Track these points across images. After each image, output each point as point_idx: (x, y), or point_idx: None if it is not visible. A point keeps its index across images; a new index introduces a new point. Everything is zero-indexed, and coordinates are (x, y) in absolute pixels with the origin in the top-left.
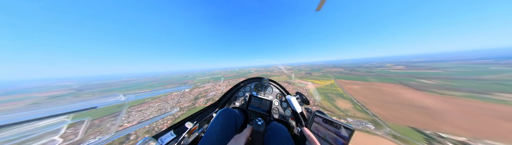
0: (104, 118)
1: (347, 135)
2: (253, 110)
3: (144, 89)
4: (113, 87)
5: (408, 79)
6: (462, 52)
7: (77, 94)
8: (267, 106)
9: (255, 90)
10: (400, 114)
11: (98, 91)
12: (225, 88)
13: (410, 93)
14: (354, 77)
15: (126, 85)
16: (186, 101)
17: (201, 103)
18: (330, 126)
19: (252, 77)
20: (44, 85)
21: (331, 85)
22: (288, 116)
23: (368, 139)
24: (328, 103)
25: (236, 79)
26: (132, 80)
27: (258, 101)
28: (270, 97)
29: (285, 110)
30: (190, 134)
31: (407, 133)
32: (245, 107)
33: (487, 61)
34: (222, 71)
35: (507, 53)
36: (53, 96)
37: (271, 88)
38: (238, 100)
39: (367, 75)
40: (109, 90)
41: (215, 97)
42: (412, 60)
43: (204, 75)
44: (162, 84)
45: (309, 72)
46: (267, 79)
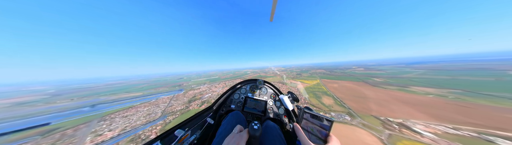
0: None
1: (328, 126)
2: (249, 112)
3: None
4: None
5: (367, 78)
6: (392, 59)
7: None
8: (262, 107)
9: (250, 91)
10: (365, 105)
11: (78, 95)
12: (221, 90)
13: (368, 89)
14: (333, 77)
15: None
16: (179, 104)
17: (195, 106)
18: (316, 120)
19: (247, 79)
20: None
21: (317, 84)
22: (281, 114)
23: (347, 129)
24: (316, 100)
25: (232, 80)
26: (119, 83)
27: (253, 102)
28: (265, 98)
29: (278, 109)
30: (181, 143)
31: (370, 121)
32: (240, 109)
33: (404, 65)
34: (218, 72)
35: (414, 60)
36: (19, 103)
37: (266, 89)
38: (233, 103)
39: (342, 75)
40: (91, 94)
41: (210, 99)
42: (367, 64)
43: (200, 77)
44: (153, 86)
45: (299, 73)
46: (262, 81)
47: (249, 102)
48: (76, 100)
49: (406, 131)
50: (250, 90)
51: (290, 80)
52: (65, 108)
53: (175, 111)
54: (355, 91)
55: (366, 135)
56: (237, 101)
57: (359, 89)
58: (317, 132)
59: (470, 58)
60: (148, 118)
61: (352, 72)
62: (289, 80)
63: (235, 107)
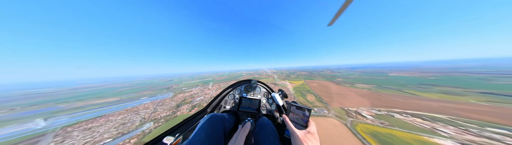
0: None
1: (308, 114)
2: (244, 111)
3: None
4: (58, 96)
5: (333, 78)
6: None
7: None
8: (256, 105)
9: (245, 91)
10: (335, 100)
11: (25, 103)
12: (215, 92)
13: (335, 86)
14: (313, 77)
15: (81, 94)
16: (165, 109)
17: (185, 110)
18: (299, 111)
19: (242, 80)
20: None
21: (303, 84)
22: (273, 110)
23: (325, 121)
24: (302, 98)
25: (227, 82)
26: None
27: (248, 102)
28: (259, 96)
29: (271, 105)
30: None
31: (340, 112)
32: (236, 109)
33: (350, 69)
34: (213, 74)
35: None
36: None
37: (259, 88)
38: (228, 103)
39: (318, 76)
40: (47, 101)
41: (202, 103)
42: (331, 68)
43: (193, 79)
44: (137, 90)
45: (288, 74)
46: (255, 81)
47: (244, 101)
48: (19, 110)
49: (359, 117)
50: (245, 90)
51: (281, 80)
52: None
53: (158, 118)
54: (328, 89)
55: (338, 124)
56: (231, 101)
57: (329, 87)
58: (301, 120)
59: (374, 66)
60: (120, 129)
61: (324, 74)
62: (280, 80)
63: (231, 108)
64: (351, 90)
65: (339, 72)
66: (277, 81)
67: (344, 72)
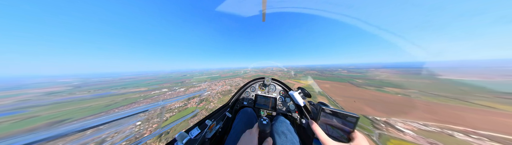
0: None
1: (353, 123)
2: (260, 108)
3: (141, 88)
4: (111, 84)
5: (351, 79)
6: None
7: (73, 91)
8: (272, 103)
9: (260, 89)
10: (354, 105)
11: (95, 88)
12: (221, 88)
13: (354, 89)
14: (324, 78)
15: (124, 83)
16: (178, 101)
17: (194, 103)
18: (335, 117)
19: (255, 78)
20: (47, 81)
21: (311, 85)
22: (292, 110)
23: None
24: (312, 100)
25: (232, 78)
26: (131, 78)
27: (263, 99)
28: (274, 95)
29: (289, 105)
30: (210, 130)
31: (362, 120)
32: (252, 105)
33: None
34: (219, 71)
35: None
36: (50, 93)
37: (274, 86)
38: (246, 100)
39: (331, 76)
40: (106, 87)
41: (209, 97)
42: (348, 67)
43: (202, 75)
44: (159, 82)
45: (295, 73)
46: (270, 78)
47: (259, 99)
48: (92, 93)
49: (391, 130)
50: (259, 88)
51: (287, 80)
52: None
53: (173, 109)
54: (344, 91)
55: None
56: (248, 98)
57: (347, 89)
58: (338, 129)
59: (411, 65)
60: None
61: (339, 74)
62: (286, 80)
63: (247, 104)
64: (378, 94)
65: (358, 72)
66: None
67: (365, 72)
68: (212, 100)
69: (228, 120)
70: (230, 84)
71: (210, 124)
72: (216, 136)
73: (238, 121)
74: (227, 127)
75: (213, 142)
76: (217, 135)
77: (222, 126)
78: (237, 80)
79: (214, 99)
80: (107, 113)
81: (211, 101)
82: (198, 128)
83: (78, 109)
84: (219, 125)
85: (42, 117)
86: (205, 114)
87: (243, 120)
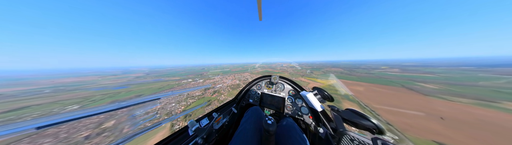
0: None
1: None
2: (266, 107)
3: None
4: (162, 73)
5: (408, 82)
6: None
7: (146, 77)
8: (279, 103)
9: (266, 87)
10: (413, 122)
11: (154, 75)
12: (231, 81)
13: (417, 98)
14: (354, 77)
15: (167, 73)
16: (198, 90)
17: (209, 94)
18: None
19: (261, 76)
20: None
21: (333, 86)
22: (304, 114)
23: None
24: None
25: (241, 73)
26: (171, 70)
27: (270, 98)
28: (282, 94)
29: (300, 107)
30: (217, 122)
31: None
32: (258, 104)
33: (471, 68)
34: (230, 65)
35: (488, 62)
36: (136, 77)
37: (282, 85)
38: (252, 97)
39: (367, 76)
40: (159, 75)
41: (220, 90)
42: (403, 64)
43: (216, 69)
44: (187, 74)
45: (311, 70)
46: (277, 76)
47: (265, 97)
48: (153, 78)
49: None
50: (265, 86)
51: (299, 78)
52: None
53: (194, 96)
54: (389, 99)
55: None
56: (254, 96)
57: (400, 96)
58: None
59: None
60: (177, 99)
61: (383, 74)
62: (298, 78)
63: (253, 102)
64: (480, 113)
65: (428, 73)
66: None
67: (445, 72)
68: (222, 93)
69: (234, 115)
70: (239, 78)
71: (217, 117)
72: (222, 128)
73: (247, 119)
74: (233, 122)
75: (220, 134)
76: (224, 128)
77: (228, 120)
78: (246, 75)
79: (225, 92)
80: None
81: (222, 93)
82: (207, 119)
83: (147, 88)
84: (225, 118)
85: (134, 91)
86: (217, 104)
87: (253, 119)
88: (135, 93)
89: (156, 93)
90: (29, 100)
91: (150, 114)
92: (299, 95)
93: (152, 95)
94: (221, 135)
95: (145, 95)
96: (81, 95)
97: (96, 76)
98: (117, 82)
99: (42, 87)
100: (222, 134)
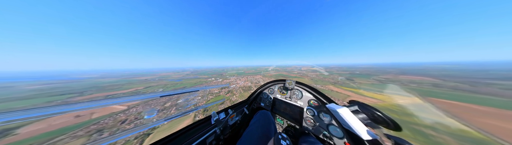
0: None
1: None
2: (279, 114)
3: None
4: (199, 72)
5: None
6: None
7: (190, 74)
8: (296, 113)
9: (279, 92)
10: None
11: (195, 73)
12: (243, 83)
13: None
14: (494, 101)
15: (202, 72)
16: (216, 88)
17: (224, 93)
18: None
19: (274, 80)
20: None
21: (419, 108)
22: (336, 137)
23: None
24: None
25: (253, 76)
26: (203, 70)
27: (283, 105)
28: (300, 103)
29: (328, 126)
30: (231, 118)
31: None
32: (269, 109)
33: None
34: (244, 68)
35: None
36: (187, 74)
37: (300, 92)
38: (263, 101)
39: None
40: (197, 74)
41: (233, 90)
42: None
43: (232, 70)
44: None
45: (348, 77)
46: (293, 82)
47: (278, 103)
48: (193, 76)
49: None
50: (279, 91)
51: (328, 85)
52: None
53: (213, 93)
54: None
55: None
56: (266, 100)
57: None
58: None
59: None
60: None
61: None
62: (326, 85)
63: (264, 106)
64: None
65: None
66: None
67: None
68: (235, 93)
69: (245, 116)
70: (251, 80)
71: (231, 113)
72: (235, 126)
73: (255, 121)
74: (244, 122)
75: (233, 130)
76: (236, 126)
77: (240, 119)
78: (258, 77)
79: (237, 93)
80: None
81: (234, 94)
82: (224, 113)
83: (189, 83)
84: (238, 117)
85: (185, 83)
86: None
87: (261, 123)
88: (183, 85)
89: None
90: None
91: (189, 102)
92: (325, 108)
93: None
94: (233, 131)
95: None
96: (164, 83)
97: (171, 72)
98: (178, 77)
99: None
100: (234, 131)
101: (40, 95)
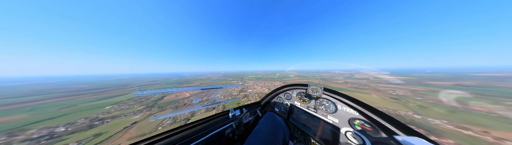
0: None
1: None
2: (297, 126)
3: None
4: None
5: None
6: None
7: (221, 76)
8: (326, 133)
9: (299, 100)
10: None
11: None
12: (260, 88)
13: None
14: None
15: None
16: (236, 90)
17: (240, 96)
18: None
19: (292, 83)
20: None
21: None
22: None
23: None
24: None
25: (272, 82)
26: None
27: (305, 116)
28: (334, 120)
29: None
30: (245, 117)
31: None
32: (285, 117)
33: None
34: (263, 72)
35: None
36: (220, 76)
37: (333, 104)
38: (278, 106)
39: None
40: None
41: (249, 94)
42: None
43: (252, 75)
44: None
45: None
46: (319, 88)
47: (296, 113)
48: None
49: None
50: (298, 97)
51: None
52: None
53: (232, 95)
54: None
55: None
56: (281, 106)
57: None
58: None
59: None
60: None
61: None
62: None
63: (279, 112)
64: None
65: None
66: None
67: None
68: (250, 99)
69: (258, 118)
70: (268, 86)
71: (245, 112)
72: (248, 125)
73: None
74: (256, 123)
75: (246, 128)
76: (249, 126)
77: (253, 119)
78: (276, 84)
79: (252, 99)
80: None
81: (250, 99)
82: (239, 111)
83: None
84: (251, 117)
85: (218, 83)
86: None
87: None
88: (216, 83)
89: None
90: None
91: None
92: (392, 141)
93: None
94: (247, 130)
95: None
96: (208, 82)
97: (211, 74)
98: (215, 78)
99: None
100: (247, 130)
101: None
